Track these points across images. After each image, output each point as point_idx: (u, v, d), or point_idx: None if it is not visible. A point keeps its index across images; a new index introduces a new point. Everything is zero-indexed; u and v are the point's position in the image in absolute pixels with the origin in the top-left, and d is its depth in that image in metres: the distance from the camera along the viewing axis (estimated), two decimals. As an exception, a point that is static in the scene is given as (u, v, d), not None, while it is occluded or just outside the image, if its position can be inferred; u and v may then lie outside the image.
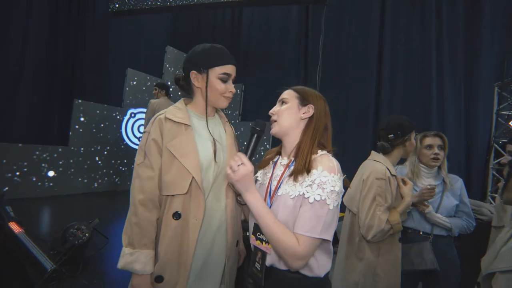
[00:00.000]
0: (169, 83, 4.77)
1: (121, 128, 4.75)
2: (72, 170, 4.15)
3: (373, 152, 1.31)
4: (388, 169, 1.20)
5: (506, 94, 3.59)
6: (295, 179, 0.75)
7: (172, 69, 5.24)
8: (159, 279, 0.82)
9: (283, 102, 0.87)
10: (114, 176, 4.66)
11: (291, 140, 0.84)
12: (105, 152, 4.53)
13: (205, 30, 6.48)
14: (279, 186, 0.80)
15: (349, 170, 1.28)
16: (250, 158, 0.84)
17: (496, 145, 3.56)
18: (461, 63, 4.17)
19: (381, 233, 1.12)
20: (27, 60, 4.33)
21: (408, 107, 4.39)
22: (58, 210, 3.47)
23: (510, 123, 3.67)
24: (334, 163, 0.76)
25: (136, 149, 4.82)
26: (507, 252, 0.90)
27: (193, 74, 0.91)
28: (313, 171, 0.74)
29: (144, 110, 4.98)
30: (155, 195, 0.85)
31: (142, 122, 5.01)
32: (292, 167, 0.80)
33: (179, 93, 5.36)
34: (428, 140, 1.46)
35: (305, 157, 0.77)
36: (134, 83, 4.79)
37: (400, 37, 4.53)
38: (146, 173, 0.85)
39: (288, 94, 0.87)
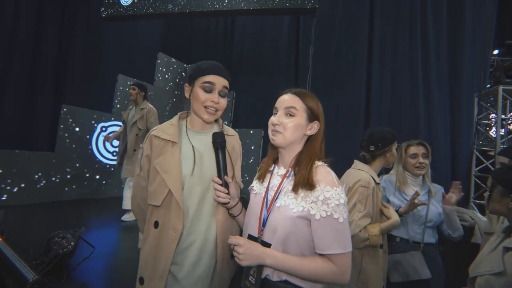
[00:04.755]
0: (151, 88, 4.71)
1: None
2: (59, 176, 4.03)
3: (356, 161, 1.34)
4: (372, 177, 1.23)
5: (484, 104, 3.77)
6: (296, 192, 0.75)
7: (163, 76, 5.23)
8: (141, 280, 0.91)
9: (290, 112, 0.81)
10: (103, 183, 4.55)
11: (291, 152, 0.83)
12: (93, 159, 4.43)
13: (198, 37, 6.53)
14: (277, 197, 0.79)
15: (338, 176, 1.32)
16: (225, 174, 0.88)
17: (477, 153, 3.71)
18: (445, 74, 4.38)
19: (356, 239, 1.11)
20: (12, 63, 4.23)
21: (396, 115, 4.54)
22: (42, 218, 3.34)
23: (490, 132, 3.85)
24: (332, 175, 0.77)
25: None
26: (488, 257, 0.94)
27: (186, 87, 0.96)
28: (317, 187, 0.74)
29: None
30: (145, 201, 0.96)
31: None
32: (290, 178, 0.80)
33: (174, 99, 5.33)
34: (413, 149, 1.51)
35: (308, 172, 0.76)
36: (123, 88, 4.73)
37: (388, 48, 4.72)
38: (142, 183, 0.97)
39: (298, 105, 0.81)
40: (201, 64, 0.95)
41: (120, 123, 4.01)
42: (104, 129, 4.63)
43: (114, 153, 4.68)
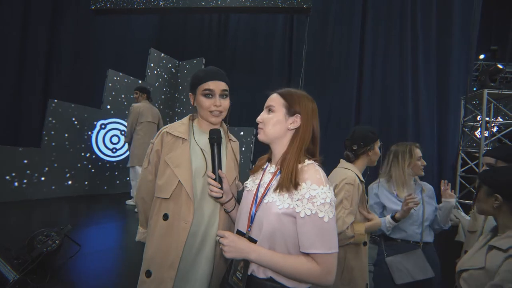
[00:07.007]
0: (150, 88, 4.65)
1: (91, 141, 4.43)
2: (44, 173, 3.91)
3: (342, 160, 1.37)
4: (357, 175, 1.26)
5: (470, 107, 3.89)
6: (281, 191, 0.75)
7: (152, 72, 5.14)
8: (148, 273, 0.93)
9: (269, 109, 0.83)
10: (88, 181, 4.44)
11: (279, 148, 0.83)
12: (79, 156, 4.32)
13: (191, 34, 6.45)
14: (266, 193, 0.79)
15: (328, 174, 1.33)
16: (219, 168, 0.91)
17: (462, 154, 3.82)
18: (434, 77, 4.49)
19: (343, 236, 1.13)
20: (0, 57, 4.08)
21: (385, 115, 4.62)
22: (26, 216, 3.23)
23: (475, 133, 3.97)
24: (320, 174, 0.75)
25: (108, 161, 4.55)
26: (475, 254, 0.98)
27: (190, 96, 1.04)
28: (303, 185, 0.73)
29: (119, 120, 4.71)
30: (152, 194, 1.00)
31: (115, 132, 4.69)
32: (278, 177, 0.79)
33: (162, 96, 5.26)
34: (419, 152, 1.52)
35: (291, 170, 0.75)
36: (113, 84, 4.63)
37: (379, 51, 4.79)
38: (149, 177, 1.01)
39: (275, 101, 0.83)
40: (198, 72, 1.01)
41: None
42: (103, 126, 4.54)
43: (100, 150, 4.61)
